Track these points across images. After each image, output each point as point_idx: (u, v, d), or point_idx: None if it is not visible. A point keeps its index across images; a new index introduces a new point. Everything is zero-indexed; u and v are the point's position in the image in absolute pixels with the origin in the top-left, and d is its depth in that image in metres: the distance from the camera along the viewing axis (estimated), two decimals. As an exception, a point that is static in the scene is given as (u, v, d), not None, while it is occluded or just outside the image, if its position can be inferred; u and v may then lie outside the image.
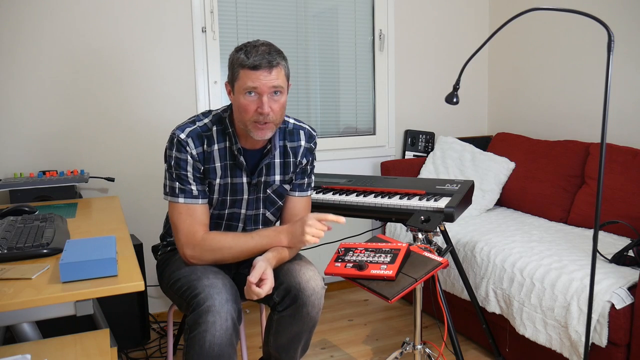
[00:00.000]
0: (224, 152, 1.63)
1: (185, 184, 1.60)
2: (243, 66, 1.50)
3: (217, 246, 1.59)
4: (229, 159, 1.64)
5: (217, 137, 1.62)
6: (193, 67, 2.74)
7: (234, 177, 1.66)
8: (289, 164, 1.72)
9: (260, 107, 1.51)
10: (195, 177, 1.61)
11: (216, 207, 1.69)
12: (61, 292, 1.12)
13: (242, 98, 1.52)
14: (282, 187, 1.74)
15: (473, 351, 2.41)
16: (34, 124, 2.49)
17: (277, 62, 1.52)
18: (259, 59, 1.48)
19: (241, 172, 1.66)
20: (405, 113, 3.31)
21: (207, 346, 1.43)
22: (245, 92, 1.51)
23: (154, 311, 2.76)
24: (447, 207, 1.88)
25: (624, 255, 1.93)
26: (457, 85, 2.01)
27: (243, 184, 1.67)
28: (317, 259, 2.99)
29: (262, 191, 1.71)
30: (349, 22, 3.13)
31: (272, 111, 1.52)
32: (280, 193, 1.74)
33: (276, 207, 1.76)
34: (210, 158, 1.61)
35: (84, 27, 2.52)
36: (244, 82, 1.50)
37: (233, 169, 1.65)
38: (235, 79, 1.53)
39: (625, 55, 2.57)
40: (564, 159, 2.64)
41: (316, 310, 1.61)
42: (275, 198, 1.74)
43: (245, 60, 1.49)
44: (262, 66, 1.49)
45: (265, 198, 1.73)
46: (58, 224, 1.57)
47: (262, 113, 1.51)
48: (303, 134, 1.73)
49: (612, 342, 1.74)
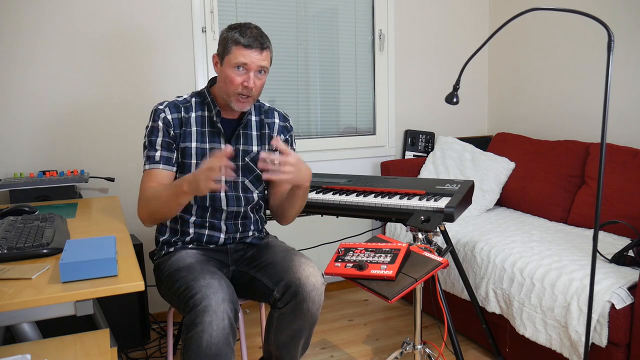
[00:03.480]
0: (200, 120, 1.76)
1: (151, 150, 1.72)
2: (237, 43, 1.64)
3: (150, 195, 1.68)
4: (207, 126, 1.76)
5: (195, 107, 1.77)
6: (193, 67, 2.74)
7: (212, 142, 1.76)
8: (265, 135, 1.85)
9: (246, 81, 1.66)
10: (164, 142, 1.71)
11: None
12: (61, 292, 1.12)
13: (230, 71, 1.66)
14: (260, 154, 1.83)
15: (473, 351, 2.41)
16: (34, 124, 2.49)
17: (267, 45, 1.68)
18: (252, 40, 1.64)
19: (219, 139, 1.77)
20: (405, 113, 3.31)
21: (204, 346, 1.44)
22: (235, 66, 1.65)
23: (154, 311, 2.76)
24: (447, 207, 1.88)
25: (624, 255, 1.93)
26: (457, 85, 2.01)
27: (221, 149, 1.69)
28: (317, 259, 3.00)
29: (241, 159, 1.80)
30: (349, 22, 3.13)
31: (255, 86, 1.68)
32: (257, 160, 1.82)
33: (254, 175, 1.83)
34: (188, 123, 1.74)
35: (84, 27, 2.52)
36: (236, 57, 1.64)
37: (211, 135, 1.76)
38: (227, 53, 1.66)
39: (625, 55, 2.57)
40: (564, 159, 2.64)
41: (317, 307, 1.63)
42: (252, 166, 1.82)
43: (240, 38, 1.64)
44: (254, 46, 1.64)
45: (243, 166, 1.81)
46: (58, 224, 1.56)
47: (247, 87, 1.66)
48: (277, 115, 1.89)
49: (612, 342, 1.74)
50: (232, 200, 1.78)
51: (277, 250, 1.79)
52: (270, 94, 2.98)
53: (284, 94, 3.03)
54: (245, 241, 1.85)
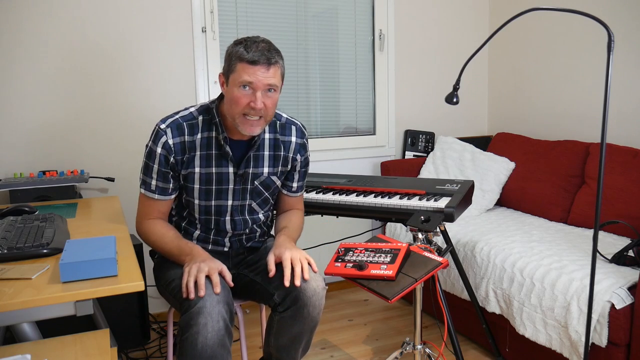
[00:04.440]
0: (206, 142, 1.64)
1: (148, 175, 1.66)
2: (242, 59, 1.51)
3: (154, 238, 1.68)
4: (214, 149, 1.65)
5: (201, 126, 1.64)
6: (193, 67, 2.74)
7: (219, 166, 1.67)
8: (279, 157, 1.74)
9: (253, 102, 1.52)
10: (160, 172, 1.64)
11: (201, 197, 1.69)
12: (61, 292, 1.12)
13: (236, 91, 1.54)
14: (270, 178, 1.74)
15: (473, 351, 2.41)
16: (34, 124, 2.49)
17: (275, 60, 1.53)
18: (258, 55, 1.50)
19: (227, 162, 1.66)
20: (405, 113, 3.31)
21: (199, 347, 1.43)
22: (240, 85, 1.53)
23: (154, 311, 2.76)
24: (447, 207, 1.88)
25: (624, 255, 1.93)
26: (457, 85, 2.01)
27: (229, 174, 1.68)
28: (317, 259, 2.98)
29: (250, 182, 1.72)
30: (349, 22, 3.13)
31: (264, 107, 1.54)
32: (267, 184, 1.75)
33: (262, 198, 1.77)
34: (193, 147, 1.63)
35: (84, 27, 2.52)
36: (240, 76, 1.52)
37: (218, 158, 1.66)
38: (232, 71, 1.54)
39: (625, 55, 2.57)
40: (564, 159, 2.64)
41: (317, 311, 1.61)
42: (262, 189, 1.75)
43: (245, 54, 1.50)
44: (261, 62, 1.50)
45: (252, 189, 1.73)
46: (58, 224, 1.56)
47: (255, 108, 1.53)
48: (295, 130, 1.76)
49: (612, 342, 1.74)
50: (239, 225, 1.76)
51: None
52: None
53: (284, 94, 3.03)
54: (246, 245, 1.84)
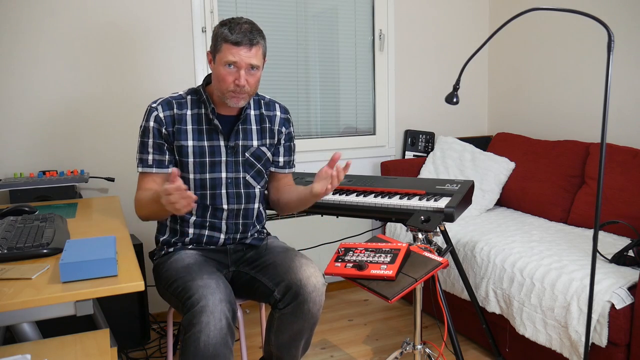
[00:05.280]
0: (196, 117, 1.74)
1: (144, 152, 1.72)
2: (226, 40, 1.62)
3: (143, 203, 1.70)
4: (204, 124, 1.74)
5: (190, 104, 1.75)
6: (193, 67, 2.74)
7: (210, 140, 1.74)
8: (265, 129, 1.83)
9: (237, 80, 1.63)
10: (155, 145, 1.71)
11: (195, 170, 1.73)
12: (61, 292, 1.12)
13: (222, 69, 1.64)
14: (260, 149, 1.82)
15: (473, 351, 2.41)
16: (34, 124, 2.49)
17: (257, 40, 1.64)
18: (241, 37, 1.61)
19: (217, 136, 1.75)
20: (405, 113, 3.31)
21: (202, 346, 1.44)
22: (225, 64, 1.63)
23: (154, 311, 2.76)
24: (447, 207, 1.88)
25: (624, 255, 1.93)
26: (457, 85, 2.01)
27: (220, 146, 1.75)
28: (317, 259, 3.00)
29: (241, 154, 1.78)
30: (349, 22, 3.13)
31: (247, 83, 1.65)
32: (258, 155, 1.81)
33: (255, 169, 1.82)
34: (182, 120, 1.72)
35: (84, 27, 2.52)
36: (225, 56, 1.62)
37: (209, 132, 1.74)
38: (218, 50, 1.65)
39: (625, 55, 2.57)
40: (564, 159, 2.64)
41: (317, 307, 1.63)
42: (253, 161, 1.81)
43: (229, 35, 1.61)
44: (243, 43, 1.61)
45: (244, 161, 1.79)
46: (58, 224, 1.56)
47: (239, 85, 1.64)
48: (278, 107, 1.88)
49: (612, 342, 1.74)
50: (232, 198, 1.78)
51: (277, 251, 1.79)
52: (270, 94, 2.96)
53: (284, 94, 3.03)
54: (245, 242, 1.84)
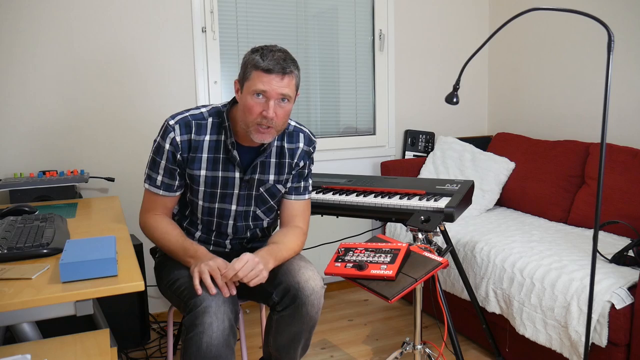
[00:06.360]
0: (214, 145, 1.64)
1: (154, 171, 1.66)
2: (257, 67, 1.50)
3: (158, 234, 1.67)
4: (222, 153, 1.64)
5: (210, 129, 1.63)
6: (193, 67, 2.74)
7: (225, 170, 1.66)
8: (284, 164, 1.73)
9: (265, 111, 1.51)
10: (167, 168, 1.64)
11: (205, 199, 1.69)
12: (61, 292, 1.12)
13: (249, 99, 1.53)
14: (275, 187, 1.74)
15: (473, 351, 2.41)
16: (34, 124, 2.49)
17: (291, 70, 1.53)
18: (273, 64, 1.49)
19: (233, 167, 1.66)
20: (405, 113, 3.31)
21: (204, 347, 1.43)
22: (254, 93, 1.52)
23: (154, 311, 2.76)
24: (447, 207, 1.88)
25: (624, 255, 1.93)
26: (457, 85, 2.01)
27: (235, 178, 1.67)
28: (317, 259, 3.00)
29: (255, 189, 1.71)
30: (349, 22, 3.13)
31: (276, 116, 1.53)
32: (272, 193, 1.75)
33: (267, 206, 1.76)
34: (198, 147, 1.63)
35: (84, 27, 2.52)
36: (254, 84, 1.51)
37: (225, 162, 1.65)
38: (247, 78, 1.53)
39: (625, 55, 2.57)
40: (564, 159, 2.64)
41: (316, 310, 1.61)
42: (267, 197, 1.74)
43: (260, 62, 1.50)
44: (275, 71, 1.50)
45: (257, 196, 1.73)
46: (58, 224, 1.56)
47: (267, 117, 1.52)
48: (302, 137, 1.75)
49: (612, 342, 1.74)
50: (240, 230, 1.76)
51: None
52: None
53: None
54: (247, 246, 1.83)
